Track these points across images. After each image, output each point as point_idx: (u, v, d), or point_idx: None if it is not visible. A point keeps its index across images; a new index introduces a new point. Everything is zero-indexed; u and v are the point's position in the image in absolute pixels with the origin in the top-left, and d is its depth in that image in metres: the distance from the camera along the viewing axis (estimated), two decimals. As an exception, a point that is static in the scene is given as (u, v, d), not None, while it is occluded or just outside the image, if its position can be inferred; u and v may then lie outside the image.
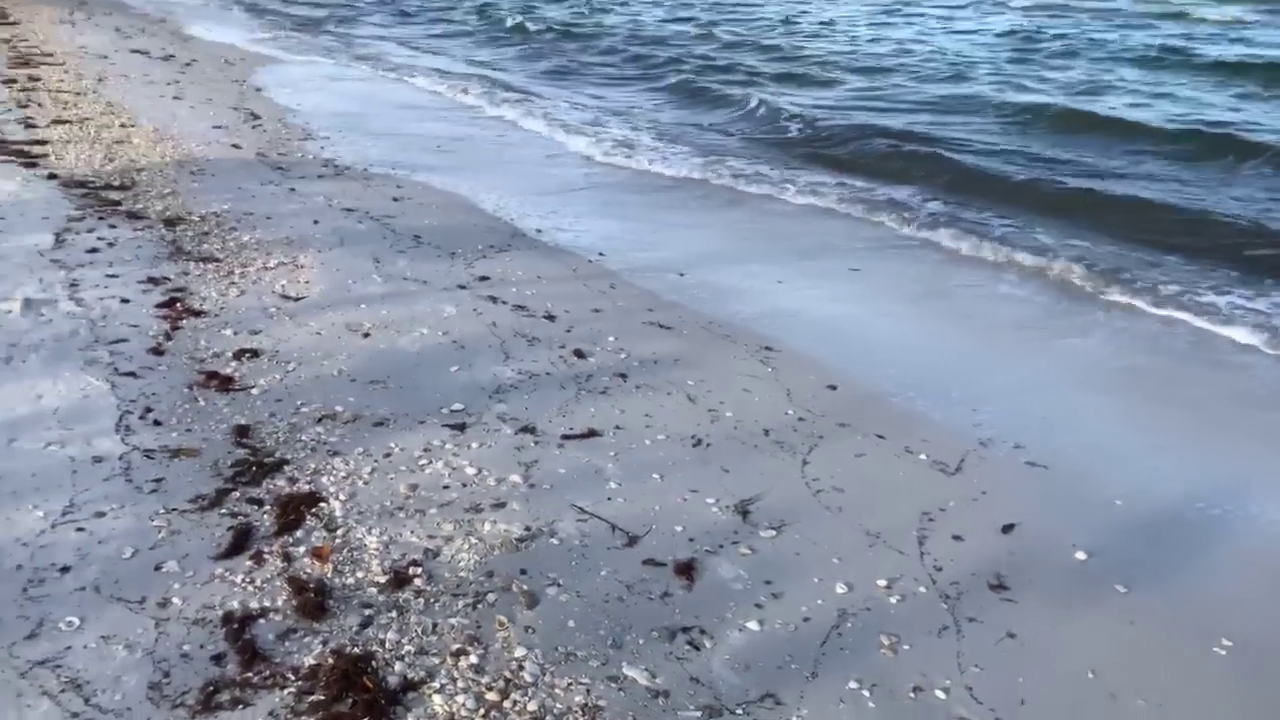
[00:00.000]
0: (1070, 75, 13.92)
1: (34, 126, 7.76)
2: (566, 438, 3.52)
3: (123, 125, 8.08)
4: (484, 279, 5.15)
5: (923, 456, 3.60)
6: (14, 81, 9.68)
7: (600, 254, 5.93)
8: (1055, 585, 2.91)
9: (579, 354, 4.28)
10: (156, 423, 3.33)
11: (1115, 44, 17.69)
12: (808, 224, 7.08)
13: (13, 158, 6.71)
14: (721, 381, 4.15)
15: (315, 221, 5.85)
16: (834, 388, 4.19)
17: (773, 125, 10.55)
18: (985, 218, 7.08)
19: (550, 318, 4.68)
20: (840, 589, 2.79)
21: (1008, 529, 3.17)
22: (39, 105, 8.61)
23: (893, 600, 2.76)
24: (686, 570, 2.82)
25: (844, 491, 3.31)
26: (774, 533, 3.04)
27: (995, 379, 4.52)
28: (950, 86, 13.18)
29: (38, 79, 9.92)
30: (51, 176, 6.34)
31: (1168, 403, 4.35)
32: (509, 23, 20.42)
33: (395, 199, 6.63)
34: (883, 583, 2.83)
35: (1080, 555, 3.05)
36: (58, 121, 8.00)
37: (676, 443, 3.56)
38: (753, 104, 11.31)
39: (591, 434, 3.57)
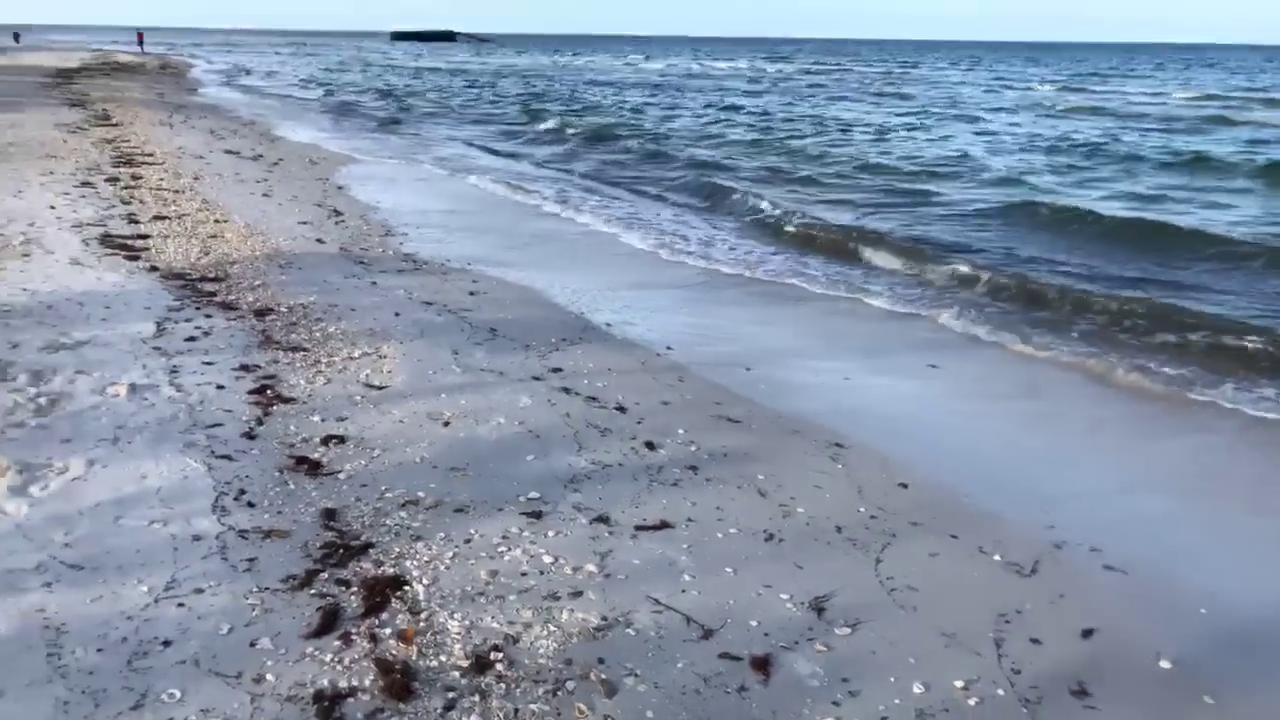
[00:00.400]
0: (1137, 183, 13.99)
1: (137, 222, 8.26)
2: (640, 529, 3.58)
3: (217, 221, 8.55)
4: (557, 370, 5.30)
5: (997, 557, 3.58)
6: (118, 180, 10.34)
7: (668, 348, 6.05)
8: (1140, 694, 2.85)
9: (650, 446, 4.36)
10: (250, 504, 3.48)
11: (1163, 147, 17.75)
12: (871, 322, 7.15)
13: (118, 251, 7.14)
14: (792, 477, 4.18)
15: (396, 313, 6.10)
16: (905, 485, 4.19)
17: (833, 227, 10.73)
18: (1059, 320, 7.06)
19: (621, 409, 4.79)
20: (917, 689, 2.77)
21: (1087, 634, 3.12)
22: (141, 202, 9.17)
23: (971, 702, 2.73)
24: (763, 665, 2.82)
25: (918, 590, 3.30)
26: (849, 630, 3.04)
27: (1070, 480, 4.48)
28: (1007, 191, 13.33)
29: (140, 177, 10.58)
30: (153, 269, 6.74)
31: (1252, 507, 4.27)
32: (560, 126, 21.21)
33: (471, 293, 6.88)
34: (960, 684, 2.80)
35: (1165, 664, 2.98)
36: (158, 217, 8.50)
37: (749, 537, 3.59)
38: (814, 207, 11.52)
39: (664, 526, 3.62)
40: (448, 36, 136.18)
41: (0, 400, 4.16)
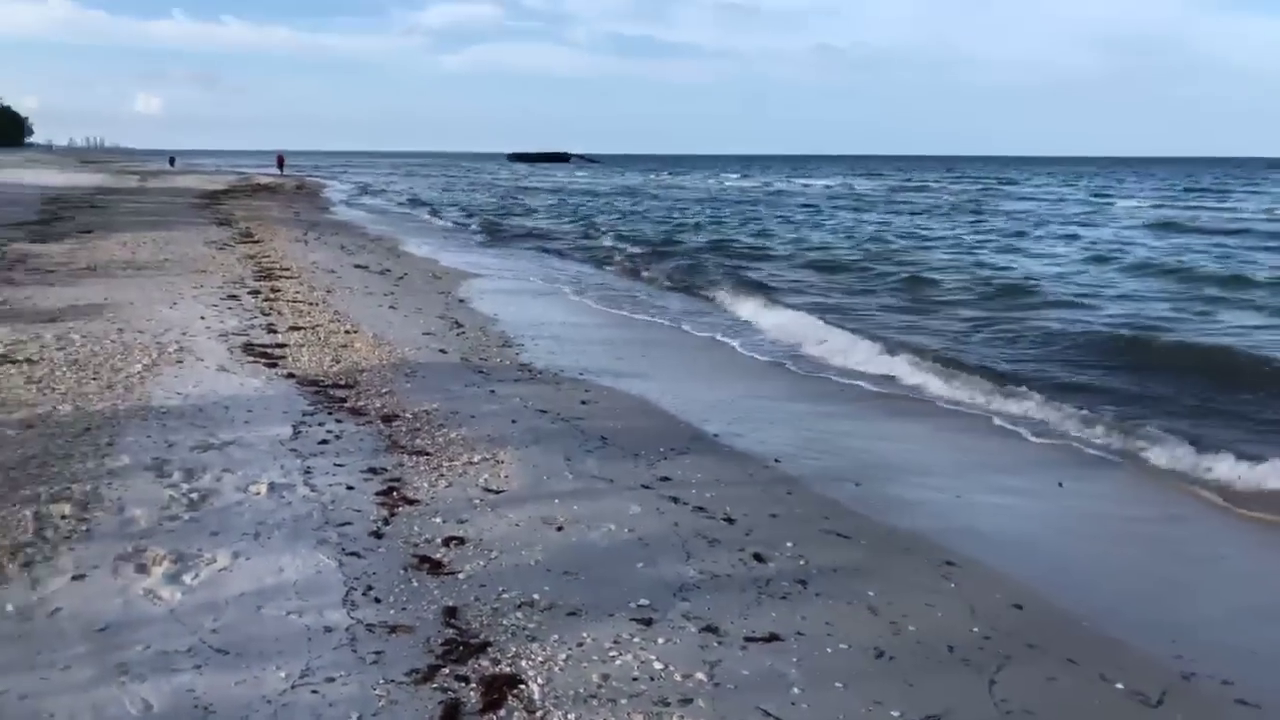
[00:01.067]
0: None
1: (275, 332, 8.88)
2: (749, 640, 3.61)
3: (347, 332, 9.11)
4: (666, 479, 5.41)
5: (1120, 685, 3.46)
6: (259, 293, 11.15)
7: (777, 460, 6.11)
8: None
9: (758, 558, 4.40)
10: (376, 599, 3.67)
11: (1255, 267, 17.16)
12: (989, 438, 7.06)
13: (259, 359, 7.69)
14: (902, 594, 4.15)
15: (513, 421, 6.36)
16: (1020, 607, 4.11)
17: (949, 341, 10.69)
18: (1186, 443, 6.81)
19: (729, 520, 4.85)
20: (1037, 818, 2.69)
21: (1221, 770, 2.98)
22: (279, 313, 9.85)
23: (1095, 836, 2.64)
24: (874, 783, 2.80)
25: (1034, 714, 3.22)
26: (963, 752, 2.98)
27: (1199, 608, 4.31)
28: (1117, 316, 13.06)
29: (278, 290, 11.38)
30: (290, 375, 7.22)
31: (1400, 645, 4.01)
32: (634, 239, 21.82)
33: (583, 401, 7.11)
34: (1083, 815, 2.71)
35: (1307, 806, 2.82)
36: (294, 328, 9.12)
37: (858, 652, 3.58)
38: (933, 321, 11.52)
39: (773, 638, 3.64)
40: (561, 158, 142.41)
41: (158, 495, 4.52)
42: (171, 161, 76.02)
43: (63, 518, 4.15)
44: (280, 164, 66.97)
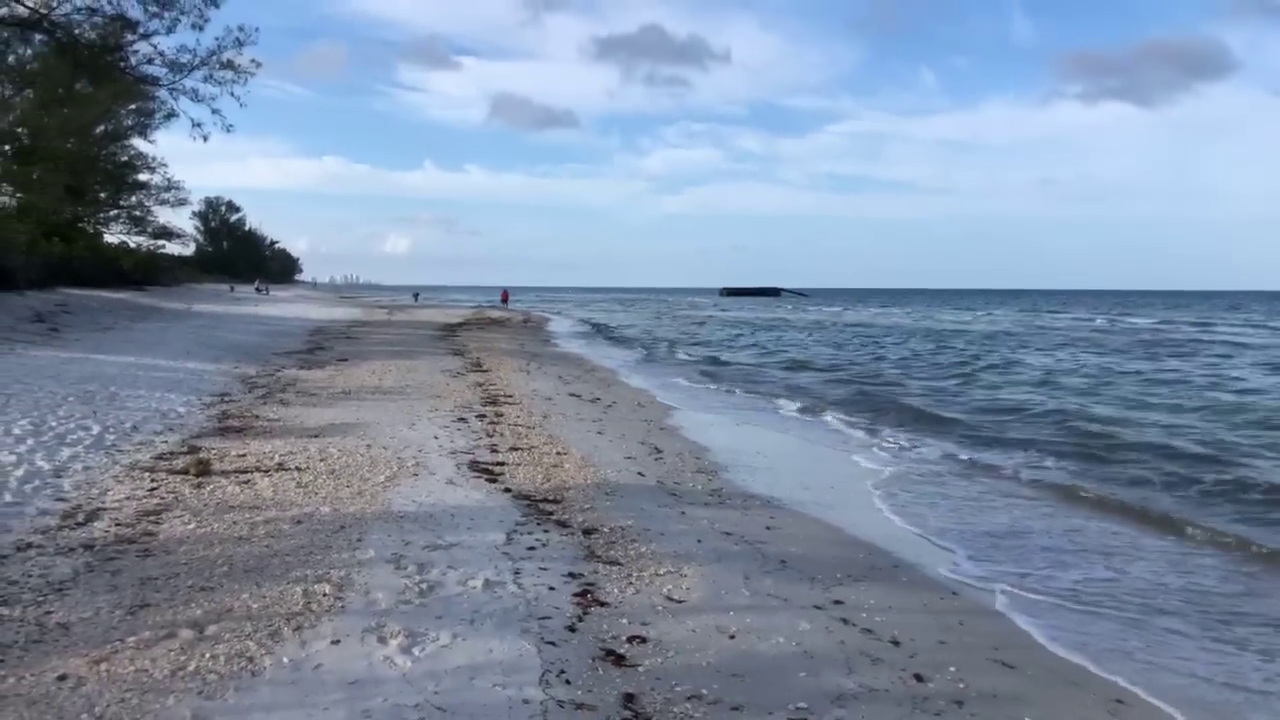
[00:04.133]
0: None
1: (496, 451, 9.94)
2: (898, 748, 3.89)
3: (558, 453, 10.04)
4: (839, 603, 5.74)
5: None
6: (485, 416, 12.43)
7: (954, 593, 6.28)
8: None
9: (918, 678, 4.65)
10: (567, 681, 4.25)
11: None
12: (1155, 565, 6.85)
13: (481, 475, 8.70)
14: (1061, 724, 4.27)
15: (699, 541, 6.90)
16: (1187, 748, 4.13)
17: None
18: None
19: (895, 643, 5.11)
20: None
21: None
22: (501, 435, 10.98)
23: None
24: None
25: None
26: None
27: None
28: None
29: (501, 415, 12.63)
30: (506, 490, 8.13)
31: None
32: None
33: (768, 527, 7.55)
34: None
35: None
36: (513, 449, 10.16)
37: (1005, 770, 3.76)
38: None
39: (922, 749, 3.90)
40: (772, 292, 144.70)
41: (396, 583, 5.38)
42: (415, 296, 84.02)
43: (324, 595, 5.07)
44: (505, 299, 72.35)
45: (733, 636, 5.00)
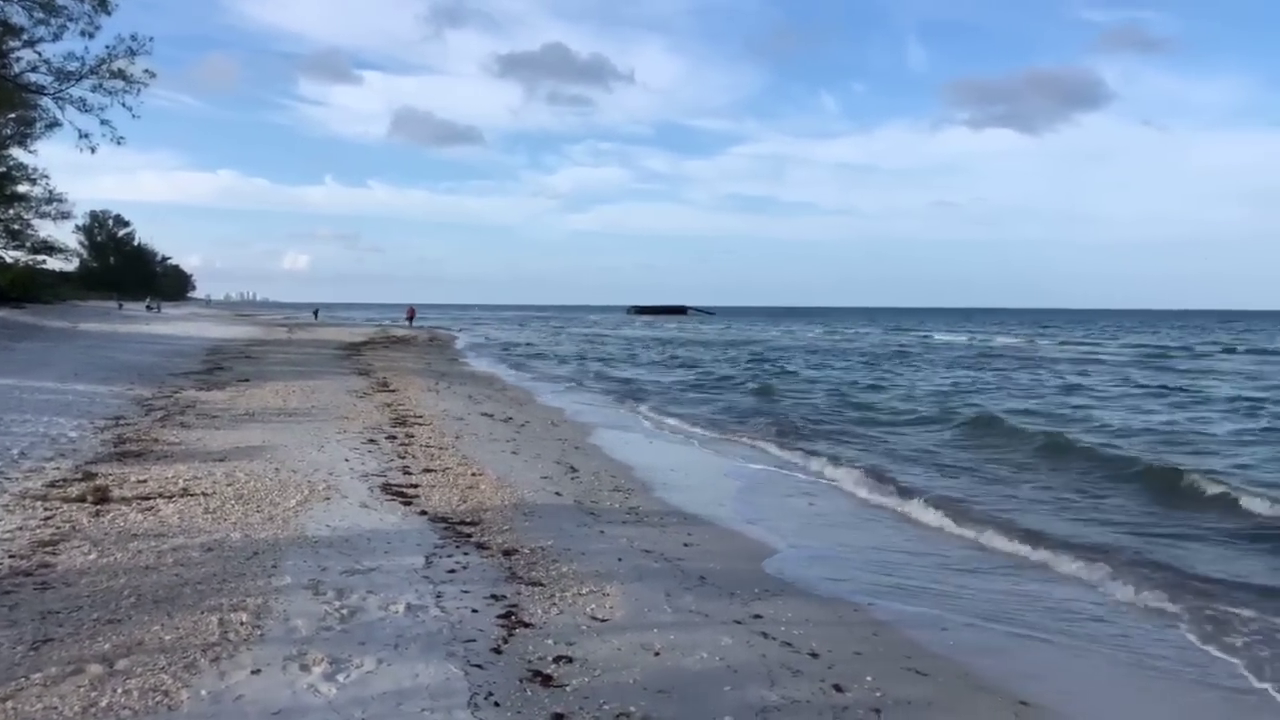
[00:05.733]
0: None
1: (410, 473, 9.81)
2: (822, 757, 4.01)
3: (473, 474, 9.97)
4: (758, 617, 5.87)
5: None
6: (395, 438, 12.24)
7: (870, 603, 6.49)
8: None
9: (838, 688, 4.79)
10: (496, 704, 4.25)
11: None
12: (1068, 589, 7.21)
13: (396, 497, 8.57)
14: (972, 727, 4.47)
15: (619, 559, 6.95)
16: (1087, 746, 4.37)
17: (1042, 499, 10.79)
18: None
19: (814, 655, 5.26)
20: None
21: None
22: (413, 457, 10.84)
23: None
24: None
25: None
26: None
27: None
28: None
29: (412, 436, 12.46)
30: (422, 513, 8.04)
31: None
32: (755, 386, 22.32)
33: (685, 544, 7.66)
34: None
35: None
36: (426, 470, 10.04)
37: (923, 774, 3.92)
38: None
39: (844, 757, 4.03)
40: (680, 311, 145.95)
41: (315, 609, 5.27)
42: (316, 314, 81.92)
43: (241, 624, 4.93)
44: (410, 316, 71.14)
45: (658, 653, 5.07)
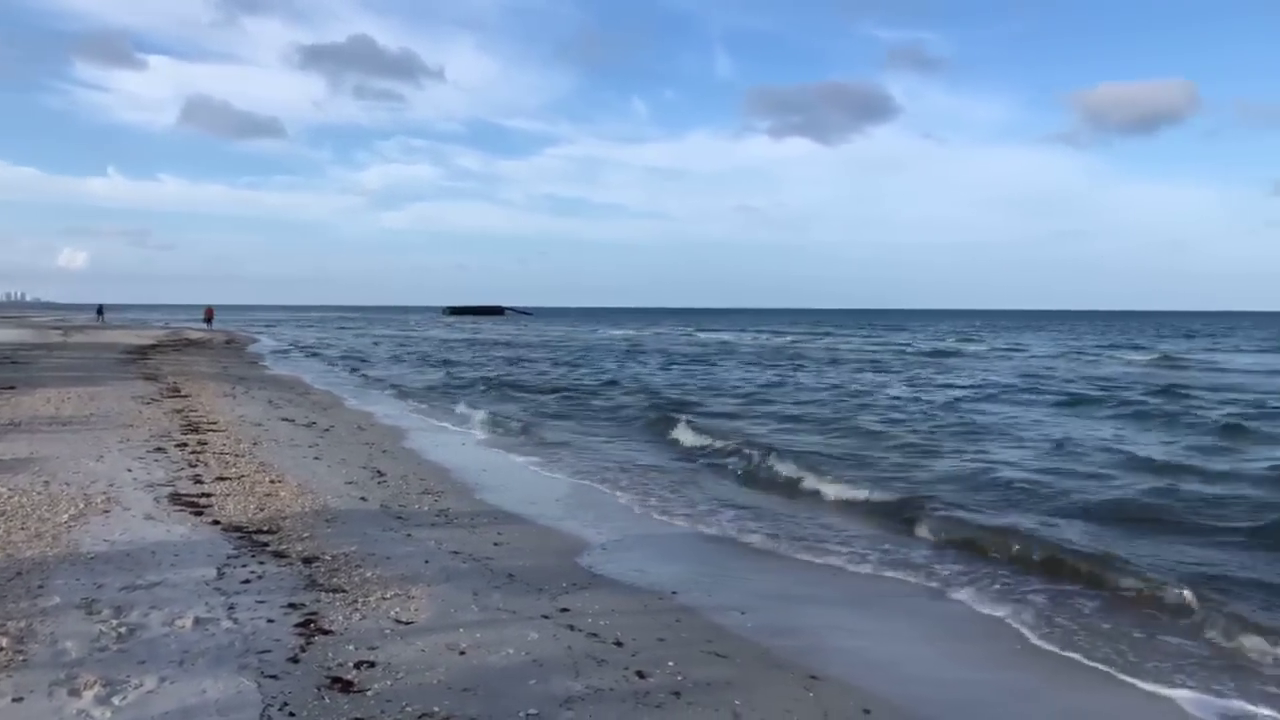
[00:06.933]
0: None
1: (202, 482, 9.25)
2: (623, 741, 4.11)
3: (272, 481, 9.52)
4: (565, 611, 5.94)
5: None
6: (186, 445, 11.50)
7: (673, 592, 6.69)
8: None
9: (640, 674, 4.93)
10: (291, 714, 4.10)
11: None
12: (852, 582, 7.72)
13: (185, 508, 8.07)
14: (766, 703, 4.71)
15: (426, 561, 6.84)
16: (868, 711, 4.70)
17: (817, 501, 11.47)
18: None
19: (619, 644, 5.38)
20: None
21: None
22: (206, 465, 10.23)
23: None
24: None
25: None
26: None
27: (1020, 709, 4.94)
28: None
29: (205, 443, 11.75)
30: (215, 523, 7.61)
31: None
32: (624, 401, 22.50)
33: (495, 543, 7.63)
34: None
35: None
36: (220, 478, 9.51)
37: (719, 749, 4.10)
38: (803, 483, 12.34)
39: (645, 739, 4.15)
40: (496, 311, 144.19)
41: (88, 629, 4.90)
42: (100, 313, 75.30)
43: (0, 650, 4.51)
44: (209, 318, 66.88)
45: (463, 652, 5.03)
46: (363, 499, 9.08)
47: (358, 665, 4.72)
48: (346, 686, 4.44)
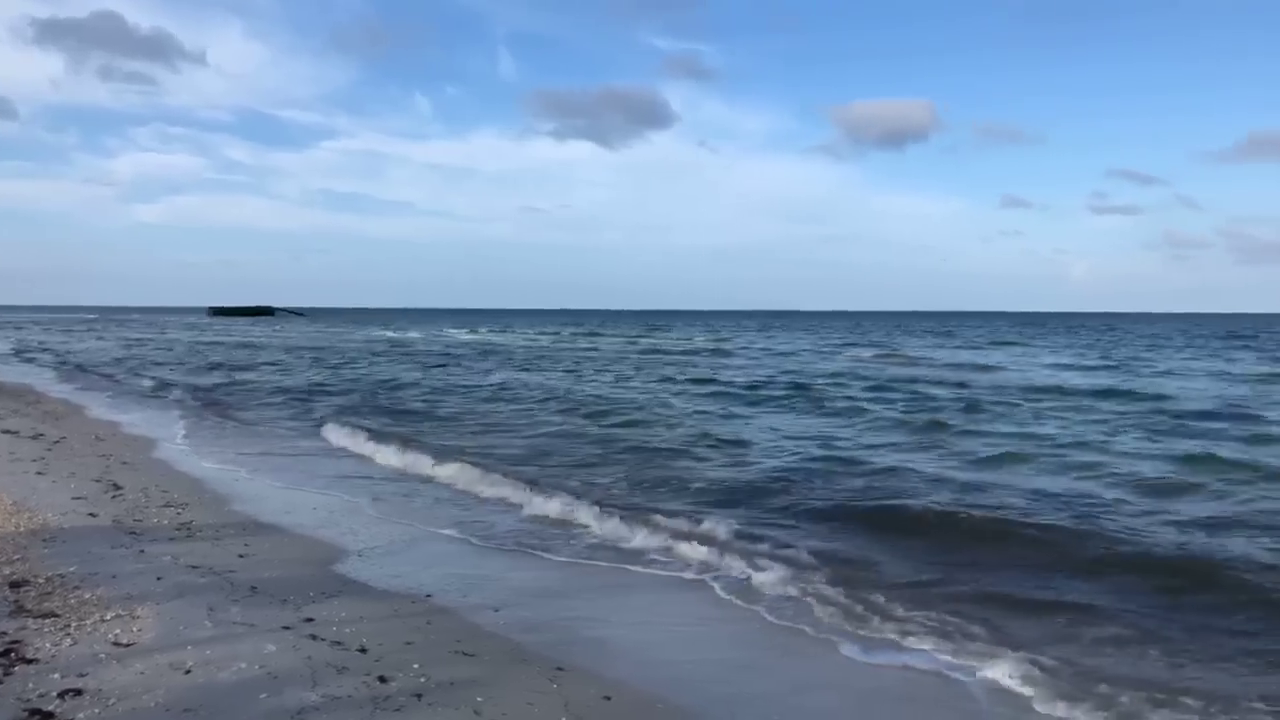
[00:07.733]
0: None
1: (-108, 504, 8.19)
2: (356, 749, 4.04)
3: (-17, 500, 8.58)
4: (309, 620, 5.73)
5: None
6: (-122, 463, 10.13)
7: (428, 595, 6.60)
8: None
9: (382, 679, 4.85)
10: (-24, 754, 3.73)
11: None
12: (605, 574, 7.93)
13: None
14: (509, 698, 4.75)
15: (159, 578, 6.40)
16: (609, 698, 4.86)
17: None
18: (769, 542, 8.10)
19: (363, 650, 5.26)
20: None
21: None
22: (-99, 484, 9.06)
23: None
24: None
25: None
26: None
27: (754, 686, 5.27)
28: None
29: (-97, 460, 10.40)
30: (-96, 549, 6.76)
31: None
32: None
33: (241, 555, 7.25)
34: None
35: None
36: (-82, 498, 8.46)
37: (454, 747, 4.11)
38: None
39: (379, 745, 4.09)
40: (267, 312, 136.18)
41: None
42: None
43: None
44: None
45: (189, 671, 4.76)
46: (91, 514, 8.35)
47: (61, 695, 4.36)
48: (47, 718, 4.09)
